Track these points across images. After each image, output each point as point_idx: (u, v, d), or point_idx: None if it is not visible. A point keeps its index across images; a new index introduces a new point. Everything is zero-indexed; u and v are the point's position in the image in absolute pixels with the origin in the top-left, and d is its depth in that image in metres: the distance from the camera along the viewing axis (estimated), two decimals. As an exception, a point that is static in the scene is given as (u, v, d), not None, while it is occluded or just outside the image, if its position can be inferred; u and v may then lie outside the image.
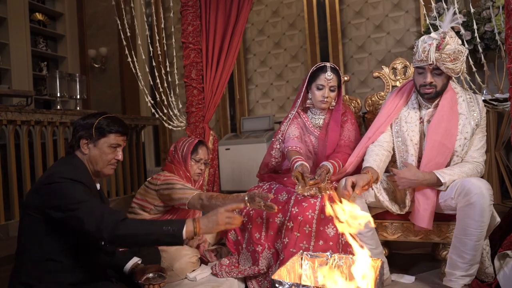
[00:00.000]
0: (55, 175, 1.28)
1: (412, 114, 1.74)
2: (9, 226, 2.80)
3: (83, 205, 1.22)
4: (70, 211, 1.22)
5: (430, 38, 1.57)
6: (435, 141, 1.63)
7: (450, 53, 1.54)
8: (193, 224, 1.21)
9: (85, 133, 1.39)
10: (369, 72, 4.00)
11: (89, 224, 1.19)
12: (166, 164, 1.99)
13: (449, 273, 1.57)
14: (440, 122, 1.64)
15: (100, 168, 1.41)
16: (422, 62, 1.60)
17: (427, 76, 1.61)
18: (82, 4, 5.27)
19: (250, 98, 4.60)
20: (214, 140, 2.74)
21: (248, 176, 3.82)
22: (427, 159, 1.64)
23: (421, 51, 1.58)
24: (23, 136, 2.99)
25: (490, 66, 2.66)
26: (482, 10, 2.71)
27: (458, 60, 1.55)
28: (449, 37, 1.56)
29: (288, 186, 1.91)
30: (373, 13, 4.03)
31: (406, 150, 1.72)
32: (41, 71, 4.95)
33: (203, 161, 1.98)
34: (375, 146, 1.77)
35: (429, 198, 1.62)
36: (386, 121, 1.78)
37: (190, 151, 1.93)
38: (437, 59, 1.55)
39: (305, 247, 1.68)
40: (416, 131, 1.72)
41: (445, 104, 1.66)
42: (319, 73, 1.94)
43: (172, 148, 2.00)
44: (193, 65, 2.67)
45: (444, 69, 1.56)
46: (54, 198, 1.24)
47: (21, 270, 1.30)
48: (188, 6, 2.66)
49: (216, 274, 1.83)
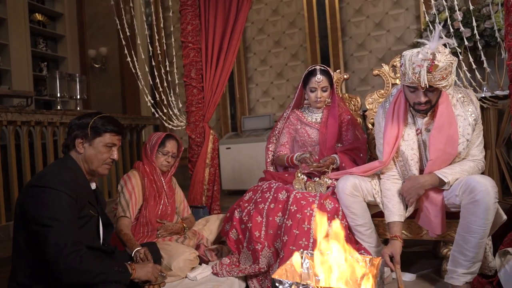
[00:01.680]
0: (44, 179, 1.29)
1: (409, 130, 1.69)
2: (10, 227, 2.81)
3: (54, 225, 1.21)
4: (42, 226, 1.22)
5: (418, 59, 1.44)
6: (439, 150, 1.60)
7: (442, 71, 1.43)
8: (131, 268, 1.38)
9: (80, 133, 1.40)
10: (369, 70, 4.00)
11: (50, 248, 1.19)
12: (135, 162, 2.09)
13: (450, 271, 1.57)
14: (441, 130, 1.59)
15: (95, 167, 1.42)
16: (413, 83, 1.50)
17: (420, 96, 1.53)
18: (82, 4, 5.27)
19: (251, 97, 4.60)
20: (214, 139, 2.74)
21: (249, 175, 3.81)
22: (430, 169, 1.62)
23: (410, 73, 1.46)
24: (23, 136, 3.00)
25: (490, 63, 2.66)
26: (482, 7, 2.70)
27: (450, 74, 1.46)
28: (438, 53, 1.43)
29: (289, 184, 1.95)
30: (373, 11, 4.03)
31: (409, 169, 1.70)
32: (41, 72, 4.96)
33: (170, 154, 2.06)
34: (388, 179, 1.72)
35: (437, 204, 1.61)
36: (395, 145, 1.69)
37: (158, 143, 2.02)
38: (430, 81, 1.44)
39: (305, 245, 1.68)
40: (415, 148, 1.68)
41: (443, 112, 1.60)
42: (310, 77, 2.08)
43: (145, 142, 2.10)
44: (193, 64, 2.67)
45: (438, 87, 1.49)
46: (34, 205, 1.25)
47: (18, 271, 1.31)
48: (187, 5, 2.65)
49: (216, 273, 1.83)
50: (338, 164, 2.00)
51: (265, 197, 1.90)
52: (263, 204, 1.88)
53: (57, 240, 1.20)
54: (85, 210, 1.36)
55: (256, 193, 1.98)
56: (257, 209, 1.87)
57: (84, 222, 1.35)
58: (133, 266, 1.39)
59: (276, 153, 2.21)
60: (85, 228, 1.35)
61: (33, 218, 1.24)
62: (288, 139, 2.21)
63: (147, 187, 1.98)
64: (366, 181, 1.74)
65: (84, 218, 1.35)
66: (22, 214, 1.29)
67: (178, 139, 2.13)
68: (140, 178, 1.98)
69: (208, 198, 2.67)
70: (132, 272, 1.35)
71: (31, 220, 1.24)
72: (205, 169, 2.67)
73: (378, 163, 1.74)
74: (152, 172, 2.01)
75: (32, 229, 1.25)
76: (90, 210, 1.39)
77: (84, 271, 1.21)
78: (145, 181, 1.98)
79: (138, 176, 1.98)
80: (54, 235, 1.20)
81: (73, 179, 1.34)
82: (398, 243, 1.59)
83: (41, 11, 4.98)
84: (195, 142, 2.69)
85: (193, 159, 2.70)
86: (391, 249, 1.58)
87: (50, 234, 1.20)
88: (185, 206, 2.22)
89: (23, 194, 1.31)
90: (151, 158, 2.02)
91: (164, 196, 2.04)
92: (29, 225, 1.26)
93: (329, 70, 2.11)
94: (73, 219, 1.28)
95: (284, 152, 2.18)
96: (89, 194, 1.41)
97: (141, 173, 1.99)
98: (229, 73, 2.70)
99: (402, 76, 1.53)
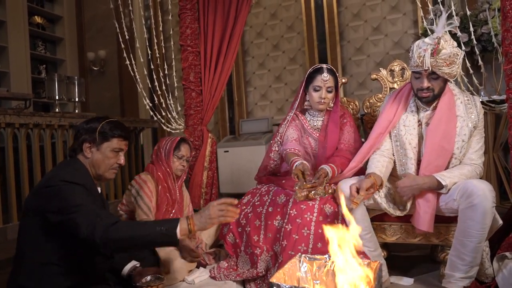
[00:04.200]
0: (56, 178, 1.29)
1: (410, 117, 1.74)
2: (7, 229, 2.79)
3: (80, 209, 1.22)
4: (68, 214, 1.22)
5: (424, 44, 1.54)
6: (434, 144, 1.63)
7: (446, 58, 1.52)
8: (187, 221, 1.20)
9: (88, 137, 1.40)
10: (367, 74, 4.01)
11: (83, 229, 1.19)
12: (147, 165, 2.08)
13: (448, 275, 1.57)
14: (438, 124, 1.63)
15: (102, 172, 1.42)
16: (418, 67, 1.58)
17: (424, 81, 1.60)
18: (81, 7, 5.28)
19: (249, 100, 4.61)
20: (213, 142, 2.74)
21: (247, 178, 3.80)
22: (426, 162, 1.64)
23: (416, 56, 1.56)
24: (21, 139, 2.99)
25: (488, 68, 2.67)
26: (479, 12, 2.72)
27: (454, 64, 1.53)
28: (443, 41, 1.52)
29: (287, 189, 1.91)
30: (371, 16, 4.05)
31: (405, 154, 1.71)
32: (40, 74, 4.95)
33: (185, 158, 2.07)
34: (377, 154, 1.76)
35: (429, 201, 1.61)
36: (387, 128, 1.76)
37: (173, 148, 2.02)
38: (433, 64, 1.53)
39: (304, 250, 1.67)
40: (415, 134, 1.71)
41: (443, 107, 1.65)
42: (316, 75, 1.97)
43: (156, 147, 2.09)
44: (192, 68, 2.67)
45: (441, 73, 1.55)
46: (54, 201, 1.25)
47: (19, 273, 1.30)
48: (186, 9, 2.66)
49: (214, 277, 1.82)
50: (331, 176, 1.81)
51: (264, 201, 1.90)
52: (261, 207, 1.88)
53: (88, 219, 1.19)
54: None
55: (255, 196, 1.97)
56: (255, 213, 1.86)
57: None
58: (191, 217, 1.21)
59: (286, 151, 1.91)
60: None
61: (57, 211, 1.23)
62: (297, 136, 2.01)
63: (160, 194, 1.96)
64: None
65: None
66: (36, 214, 1.28)
67: (190, 143, 2.14)
68: (154, 183, 1.97)
69: (206, 202, 2.67)
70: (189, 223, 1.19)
71: (55, 214, 1.23)
72: (203, 172, 2.67)
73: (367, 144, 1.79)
74: (166, 178, 1.99)
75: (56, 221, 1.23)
76: None
77: (124, 238, 1.17)
78: (159, 188, 1.96)
79: (153, 181, 1.97)
80: (83, 216, 1.20)
81: (84, 179, 1.34)
82: (369, 179, 1.59)
83: (40, 14, 4.98)
84: (193, 145, 2.69)
85: (191, 162, 2.70)
86: (359, 181, 1.59)
87: (80, 217, 1.20)
88: (190, 211, 2.20)
89: (36, 196, 1.30)
90: (167, 163, 2.00)
91: (176, 204, 2.03)
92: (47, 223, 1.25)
93: (336, 71, 2.05)
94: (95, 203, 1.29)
95: (295, 149, 1.90)
96: (97, 197, 1.41)
97: (156, 179, 1.97)
98: (228, 77, 2.70)
99: (409, 62, 1.63)
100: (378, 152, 1.78)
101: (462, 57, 1.57)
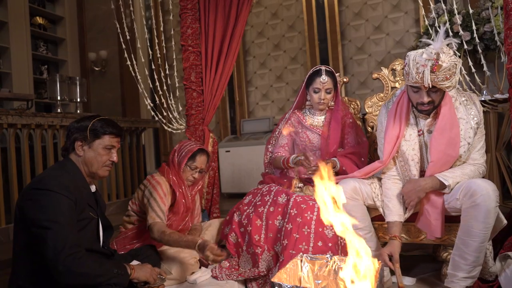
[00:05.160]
0: (44, 180, 1.29)
1: (411, 130, 1.69)
2: (10, 230, 2.80)
3: (53, 227, 1.21)
4: (39, 228, 1.22)
5: (422, 59, 1.43)
6: (440, 152, 1.60)
7: (446, 72, 1.43)
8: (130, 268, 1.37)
9: (79, 135, 1.40)
10: (369, 73, 4.00)
11: (50, 250, 1.19)
12: (162, 165, 2.00)
13: (451, 275, 1.56)
14: (443, 132, 1.60)
15: (95, 170, 1.42)
16: (417, 83, 1.49)
17: (424, 96, 1.53)
18: (82, 7, 5.29)
19: (250, 100, 4.60)
20: (214, 142, 2.74)
21: (248, 178, 3.81)
22: (431, 171, 1.62)
23: (414, 73, 1.46)
24: (23, 139, 3.00)
25: (490, 66, 2.65)
26: (482, 11, 2.70)
27: (454, 75, 1.46)
28: (442, 53, 1.42)
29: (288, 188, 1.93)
30: (372, 14, 4.04)
31: (409, 169, 1.69)
32: (41, 75, 4.97)
33: (198, 170, 1.95)
34: (389, 179, 1.72)
35: (437, 207, 1.60)
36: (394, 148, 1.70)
37: (188, 157, 1.91)
38: (433, 81, 1.44)
39: (305, 249, 1.67)
40: (416, 149, 1.67)
41: (446, 113, 1.60)
42: (315, 77, 2.04)
43: (175, 148, 1.99)
44: (193, 68, 2.67)
45: (441, 87, 1.49)
46: (32, 208, 1.25)
47: (18, 274, 1.31)
48: (187, 9, 2.66)
49: (216, 276, 1.83)
50: (339, 168, 1.98)
51: (265, 200, 1.90)
52: (262, 207, 1.88)
53: (55, 242, 1.19)
54: (85, 212, 1.36)
55: (256, 196, 1.98)
56: (256, 212, 1.86)
57: (84, 224, 1.35)
58: (132, 266, 1.39)
59: (274, 154, 2.15)
60: (84, 230, 1.35)
61: (32, 220, 1.24)
62: (288, 141, 2.16)
63: (178, 201, 1.89)
64: (366, 185, 1.74)
65: (83, 221, 1.35)
66: (21, 217, 1.29)
67: (209, 154, 2.02)
68: (168, 185, 1.89)
69: (208, 202, 2.67)
70: (131, 272, 1.35)
71: (30, 222, 1.24)
72: (204, 172, 2.67)
73: (378, 163, 1.74)
74: (181, 185, 1.91)
75: (31, 231, 1.24)
76: (89, 212, 1.39)
77: (83, 274, 1.21)
78: (177, 195, 1.89)
79: (167, 183, 1.89)
80: (53, 237, 1.20)
81: (73, 181, 1.34)
82: (397, 242, 1.59)
83: (42, 15, 4.99)
84: (194, 145, 2.69)
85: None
86: (390, 248, 1.58)
87: (49, 236, 1.20)
88: (198, 214, 2.14)
89: (22, 196, 1.31)
90: (178, 171, 1.91)
91: (190, 212, 1.99)
92: (28, 228, 1.25)
93: (334, 72, 2.09)
94: (72, 221, 1.28)
95: (282, 153, 2.13)
96: (88, 197, 1.41)
97: (172, 184, 1.89)
98: (229, 76, 2.70)
99: (406, 76, 1.52)
100: (391, 178, 1.72)
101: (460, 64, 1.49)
